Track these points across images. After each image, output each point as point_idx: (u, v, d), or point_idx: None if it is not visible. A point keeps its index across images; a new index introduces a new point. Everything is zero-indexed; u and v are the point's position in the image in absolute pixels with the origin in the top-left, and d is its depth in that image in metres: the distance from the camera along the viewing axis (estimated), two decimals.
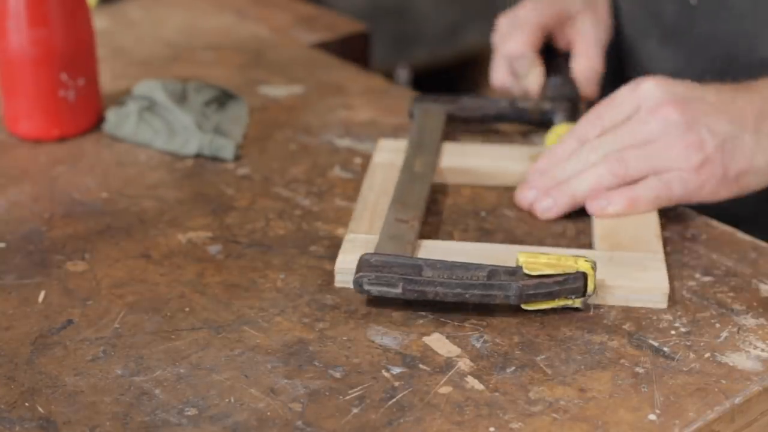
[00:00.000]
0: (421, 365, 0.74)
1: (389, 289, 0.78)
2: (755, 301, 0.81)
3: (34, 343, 0.77)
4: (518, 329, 0.78)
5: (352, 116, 1.08)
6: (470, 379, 0.73)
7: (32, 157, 1.01)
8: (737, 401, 0.72)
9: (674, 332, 0.77)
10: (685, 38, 1.08)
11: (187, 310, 0.80)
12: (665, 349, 0.76)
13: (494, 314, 0.79)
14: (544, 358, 0.75)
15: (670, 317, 0.79)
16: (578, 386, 0.72)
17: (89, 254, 0.86)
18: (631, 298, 0.80)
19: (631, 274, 0.81)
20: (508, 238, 0.88)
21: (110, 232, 0.89)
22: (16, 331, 0.78)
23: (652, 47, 1.11)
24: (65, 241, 0.88)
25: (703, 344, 0.76)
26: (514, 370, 0.74)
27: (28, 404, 0.71)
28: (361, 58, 1.30)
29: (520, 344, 0.76)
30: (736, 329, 0.78)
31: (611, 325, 0.78)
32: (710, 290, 0.82)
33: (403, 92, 1.14)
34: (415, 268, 0.78)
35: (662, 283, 0.80)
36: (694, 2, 1.07)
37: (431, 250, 0.84)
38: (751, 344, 0.76)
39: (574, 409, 0.71)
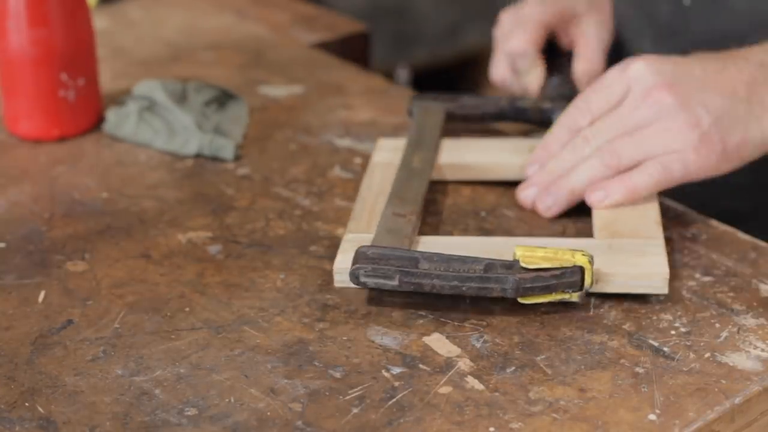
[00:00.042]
0: (421, 365, 0.74)
1: (386, 281, 0.78)
2: (755, 301, 0.80)
3: (34, 343, 0.77)
4: (518, 329, 0.78)
5: (352, 116, 1.08)
6: (470, 379, 0.73)
7: (32, 157, 1.01)
8: (737, 401, 0.72)
9: (674, 332, 0.77)
10: (679, 38, 1.08)
11: (187, 310, 0.80)
12: (665, 349, 0.76)
13: (494, 314, 0.79)
14: (544, 358, 0.75)
15: (670, 317, 0.79)
16: (578, 386, 0.72)
17: (89, 254, 0.86)
18: (630, 284, 0.79)
19: (629, 260, 0.80)
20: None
21: (110, 232, 0.89)
22: (16, 331, 0.78)
23: (646, 47, 1.11)
24: (65, 241, 0.88)
25: (703, 344, 0.76)
26: (514, 370, 0.74)
27: (28, 404, 0.71)
28: (361, 58, 1.30)
29: (520, 344, 0.76)
30: (736, 329, 0.77)
31: (611, 325, 0.78)
32: (710, 290, 0.82)
33: (403, 92, 1.14)
34: (411, 260, 0.78)
35: (662, 268, 0.80)
36: (687, 3, 1.07)
37: (429, 244, 0.84)
38: (751, 344, 0.76)
39: (574, 409, 0.71)
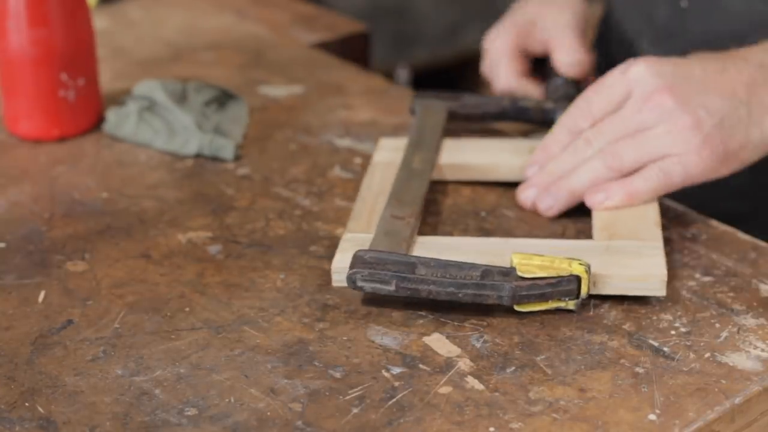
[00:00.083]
0: (421, 365, 0.74)
1: (382, 286, 0.78)
2: (755, 301, 0.80)
3: (34, 343, 0.77)
4: (518, 329, 0.78)
5: (352, 116, 1.08)
6: (470, 379, 0.73)
7: (32, 157, 1.01)
8: (737, 401, 0.72)
9: (674, 332, 0.77)
10: (676, 39, 1.08)
11: (187, 310, 0.80)
12: (665, 349, 0.76)
13: (494, 314, 0.79)
14: (544, 358, 0.75)
15: (670, 317, 0.79)
16: (578, 386, 0.72)
17: (89, 254, 0.86)
18: (628, 286, 0.79)
19: (627, 262, 0.80)
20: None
21: (110, 232, 0.89)
22: (16, 331, 0.78)
23: (644, 48, 1.11)
24: (65, 241, 0.88)
25: (703, 344, 0.76)
26: (514, 370, 0.74)
27: (28, 404, 0.71)
28: (361, 58, 1.30)
29: (520, 344, 0.76)
30: (736, 329, 0.77)
31: (611, 325, 0.78)
32: (710, 290, 0.81)
33: (403, 92, 1.14)
34: (408, 265, 0.78)
35: (660, 270, 0.79)
36: (684, 5, 1.07)
37: (427, 245, 0.84)
38: (751, 344, 0.76)
39: (574, 409, 0.71)
